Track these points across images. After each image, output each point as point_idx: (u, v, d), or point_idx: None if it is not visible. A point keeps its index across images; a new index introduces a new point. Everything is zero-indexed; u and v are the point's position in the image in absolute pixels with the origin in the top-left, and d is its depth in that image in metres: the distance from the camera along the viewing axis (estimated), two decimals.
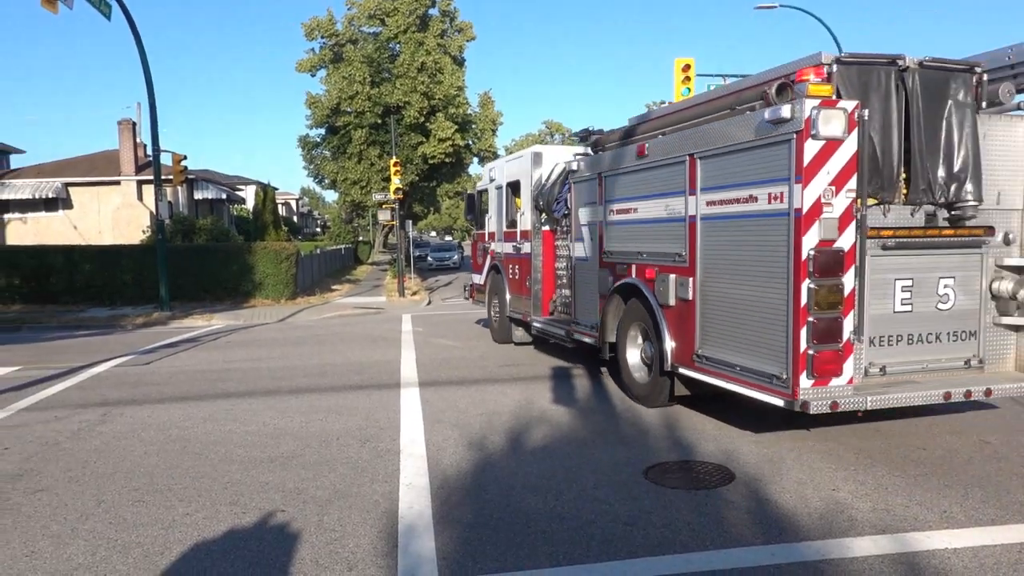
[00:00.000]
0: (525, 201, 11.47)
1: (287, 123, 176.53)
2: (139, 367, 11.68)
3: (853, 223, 5.64)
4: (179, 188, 31.49)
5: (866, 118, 5.66)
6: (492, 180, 13.01)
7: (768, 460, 6.02)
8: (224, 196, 38.15)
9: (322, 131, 39.46)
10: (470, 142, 39.62)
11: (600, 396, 8.62)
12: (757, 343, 6.15)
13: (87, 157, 37.44)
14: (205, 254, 23.31)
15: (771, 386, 5.97)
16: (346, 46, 37.62)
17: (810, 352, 5.62)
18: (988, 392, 6.13)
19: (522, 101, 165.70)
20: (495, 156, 43.02)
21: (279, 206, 57.07)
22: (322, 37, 38.09)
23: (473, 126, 39.61)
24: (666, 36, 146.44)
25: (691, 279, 7.02)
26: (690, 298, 7.05)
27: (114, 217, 33.36)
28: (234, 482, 5.79)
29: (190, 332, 16.51)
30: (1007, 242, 6.49)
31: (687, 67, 20.88)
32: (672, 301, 7.33)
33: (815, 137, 5.54)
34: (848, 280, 5.67)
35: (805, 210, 5.58)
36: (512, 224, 12.07)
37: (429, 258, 47.77)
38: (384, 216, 31.24)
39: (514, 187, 12.01)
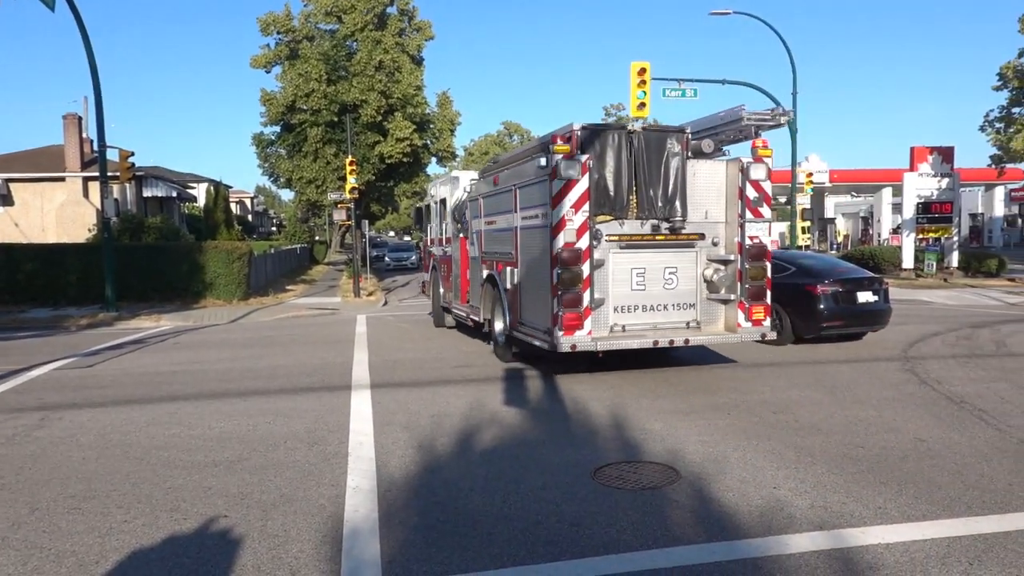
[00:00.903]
0: (448, 214, 14.01)
1: (241, 120, 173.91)
2: (81, 370, 11.39)
3: (587, 232, 8.63)
4: (127, 185, 30.76)
5: (591, 166, 8.68)
6: (432, 196, 15.78)
7: (713, 459, 6.13)
8: (175, 194, 37.32)
9: (277, 129, 38.83)
10: (428, 142, 39.39)
11: (551, 398, 8.67)
12: (540, 310, 9.16)
13: (30, 152, 36.32)
14: (154, 253, 22.79)
15: (544, 337, 8.98)
16: (302, 43, 37.14)
17: (560, 314, 8.60)
18: (686, 341, 9.13)
19: (481, 102, 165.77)
20: (454, 156, 42.92)
21: (233, 204, 56.14)
22: (278, 33, 37.54)
23: (431, 126, 39.39)
24: (625, 39, 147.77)
25: (516, 270, 10.00)
26: (516, 283, 9.98)
27: (58, 215, 32.42)
28: (176, 487, 5.68)
29: (137, 333, 16.15)
30: (714, 244, 9.46)
31: (643, 71, 21.09)
32: (509, 286, 10.29)
33: (559, 177, 8.56)
34: (585, 268, 8.64)
35: (555, 224, 8.60)
36: (442, 232, 14.77)
37: (386, 258, 47.39)
38: (340, 216, 30.92)
39: (443, 203, 14.54)
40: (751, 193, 9.25)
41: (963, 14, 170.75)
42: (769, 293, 9.52)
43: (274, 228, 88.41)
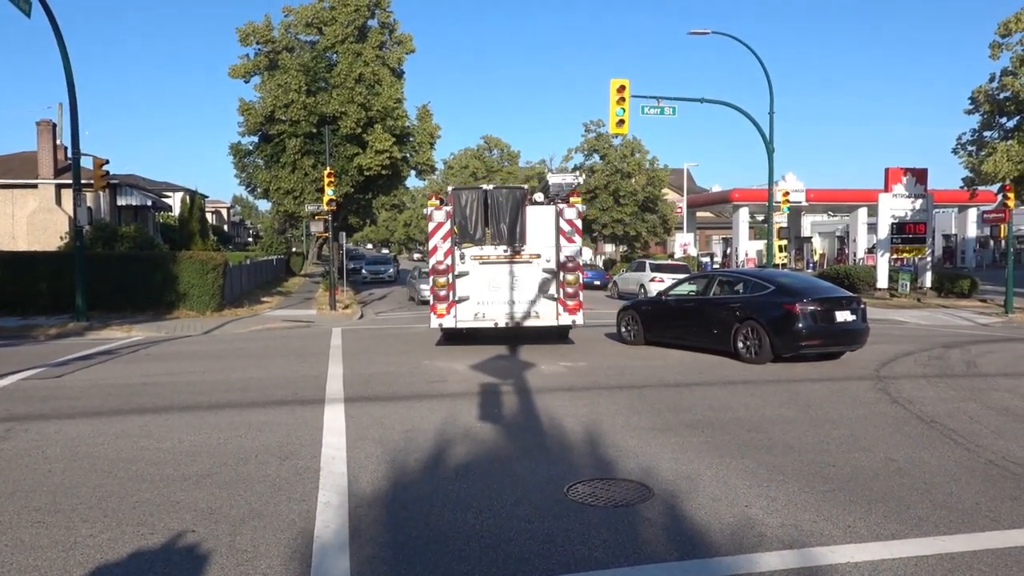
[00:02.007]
0: None
1: (219, 129, 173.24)
2: (50, 380, 11.22)
3: (451, 255, 13.72)
4: (100, 193, 30.44)
5: (449, 210, 13.71)
6: None
7: (686, 477, 6.17)
8: (149, 203, 36.99)
9: (255, 139, 38.66)
10: (408, 155, 39.37)
11: (526, 413, 8.68)
12: (432, 303, 14.00)
13: (2, 158, 35.86)
14: (127, 263, 22.55)
15: (433, 323, 13.94)
16: (282, 53, 37.06)
17: (436, 304, 13.71)
18: (517, 323, 13.93)
19: (462, 115, 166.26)
20: (433, 170, 42.93)
21: (209, 214, 55.67)
22: (257, 43, 37.43)
23: (411, 139, 39.41)
24: (606, 57, 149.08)
25: (437, 278, 14.18)
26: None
27: (29, 222, 31.99)
28: (143, 502, 5.61)
29: (107, 344, 15.93)
30: (547, 261, 13.99)
31: (622, 88, 21.35)
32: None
33: (431, 221, 13.74)
34: (449, 277, 13.69)
35: (431, 248, 13.73)
36: None
37: (363, 271, 47.26)
38: (317, 227, 30.82)
39: None
40: (565, 227, 13.89)
41: (939, 39, 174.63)
42: (581, 295, 14.03)
43: (250, 239, 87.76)
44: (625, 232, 51.85)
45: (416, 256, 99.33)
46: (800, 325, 12.05)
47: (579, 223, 13.89)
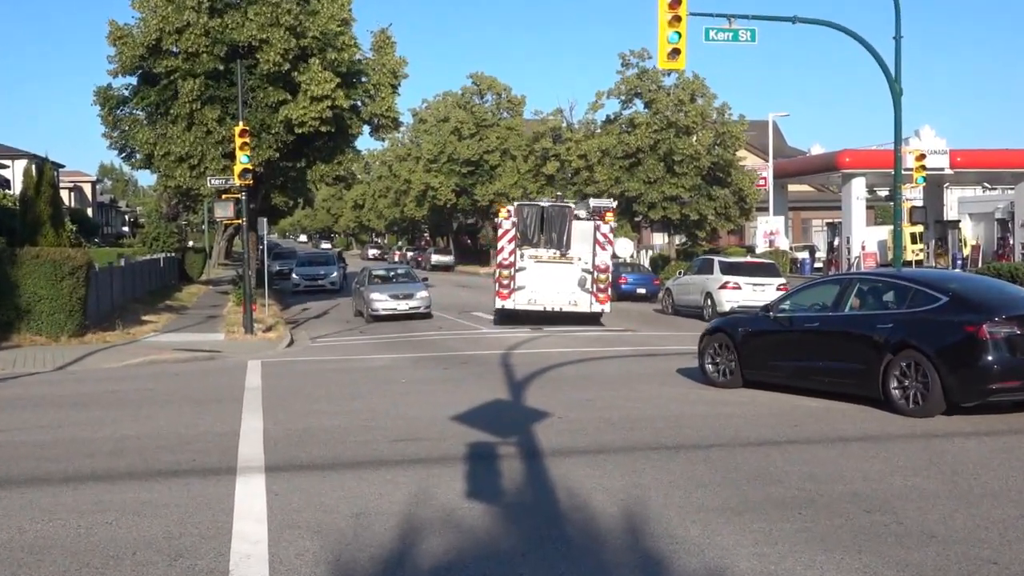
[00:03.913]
0: None
1: (80, 68, 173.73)
2: None
3: (514, 254, 30.04)
4: None
5: (515, 220, 30.09)
6: None
7: None
8: None
9: (133, 81, 38.84)
10: (359, 102, 39.46)
11: (537, 487, 8.70)
12: (497, 290, 30.57)
13: None
14: None
15: (497, 304, 30.52)
16: None
17: (500, 291, 29.90)
18: (559, 309, 29.59)
19: (438, 46, 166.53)
20: (396, 124, 42.90)
21: (65, 192, 55.88)
22: None
23: (364, 79, 39.49)
24: None
25: (502, 271, 30.49)
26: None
27: None
28: None
29: None
30: (584, 262, 29.82)
31: (676, 3, 21.31)
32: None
33: (501, 227, 30.97)
34: (511, 271, 29.80)
35: (499, 247, 31.18)
36: None
37: (295, 276, 47.47)
38: (224, 211, 30.86)
39: None
40: (600, 238, 28.70)
41: None
42: (609, 290, 29.32)
43: (126, 228, 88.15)
44: (683, 215, 51.63)
45: (373, 253, 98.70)
46: (990, 357, 11.59)
47: (612, 235, 28.99)
